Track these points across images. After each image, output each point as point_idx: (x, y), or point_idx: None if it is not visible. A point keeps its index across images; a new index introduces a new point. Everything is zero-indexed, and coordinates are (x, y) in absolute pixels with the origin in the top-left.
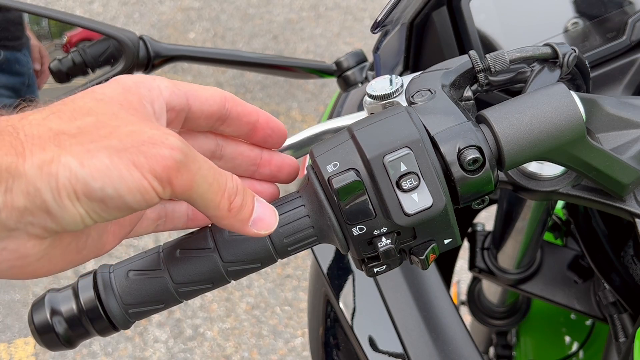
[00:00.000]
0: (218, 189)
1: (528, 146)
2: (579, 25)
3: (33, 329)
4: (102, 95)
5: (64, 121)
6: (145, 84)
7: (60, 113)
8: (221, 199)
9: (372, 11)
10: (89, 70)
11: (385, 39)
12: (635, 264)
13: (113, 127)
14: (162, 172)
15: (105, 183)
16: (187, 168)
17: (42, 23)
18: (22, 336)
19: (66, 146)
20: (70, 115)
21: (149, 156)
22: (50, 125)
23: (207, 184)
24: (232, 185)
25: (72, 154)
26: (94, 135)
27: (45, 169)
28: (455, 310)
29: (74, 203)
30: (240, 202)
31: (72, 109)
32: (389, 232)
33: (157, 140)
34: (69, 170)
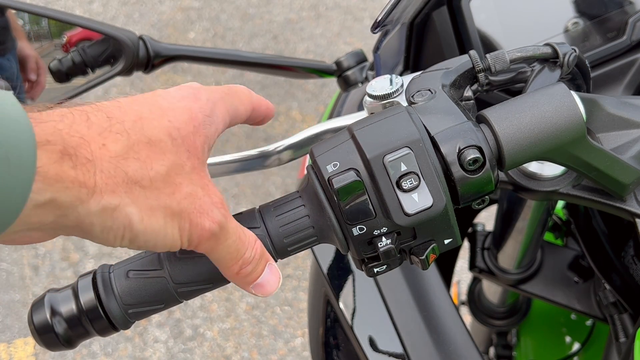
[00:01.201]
0: (235, 256)
1: (528, 146)
2: (579, 25)
3: (33, 329)
4: (176, 132)
5: (140, 167)
6: (211, 118)
7: (138, 153)
8: (234, 265)
9: (372, 11)
10: (89, 70)
11: (385, 39)
12: (635, 264)
13: (177, 184)
14: (196, 239)
15: (151, 239)
16: (217, 238)
17: (42, 23)
18: (22, 336)
19: (134, 196)
20: (147, 158)
21: (193, 224)
22: (127, 170)
23: (227, 251)
24: (249, 256)
25: (137, 207)
26: (160, 192)
27: (108, 212)
28: (456, 310)
29: (117, 240)
30: (250, 270)
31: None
32: (389, 232)
33: (204, 210)
34: (128, 220)
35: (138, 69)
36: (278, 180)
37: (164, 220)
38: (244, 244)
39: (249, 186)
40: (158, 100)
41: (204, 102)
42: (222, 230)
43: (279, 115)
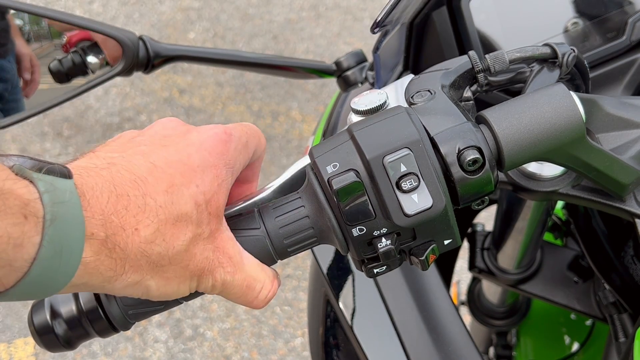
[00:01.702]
0: (244, 300)
1: (528, 146)
2: (579, 25)
3: (33, 330)
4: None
5: (164, 249)
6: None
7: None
8: (246, 304)
9: (372, 11)
10: (89, 71)
11: (385, 39)
12: (635, 264)
13: (192, 255)
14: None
15: (163, 297)
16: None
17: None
18: (22, 336)
19: (155, 273)
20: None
21: (201, 282)
22: (151, 254)
23: (234, 297)
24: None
25: (156, 280)
26: (177, 266)
27: (130, 285)
28: (455, 310)
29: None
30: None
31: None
32: (389, 233)
33: (211, 270)
34: (146, 289)
35: (138, 69)
36: None
37: (177, 286)
38: (254, 290)
39: None
40: (191, 156)
41: (231, 153)
42: (225, 286)
43: (278, 115)
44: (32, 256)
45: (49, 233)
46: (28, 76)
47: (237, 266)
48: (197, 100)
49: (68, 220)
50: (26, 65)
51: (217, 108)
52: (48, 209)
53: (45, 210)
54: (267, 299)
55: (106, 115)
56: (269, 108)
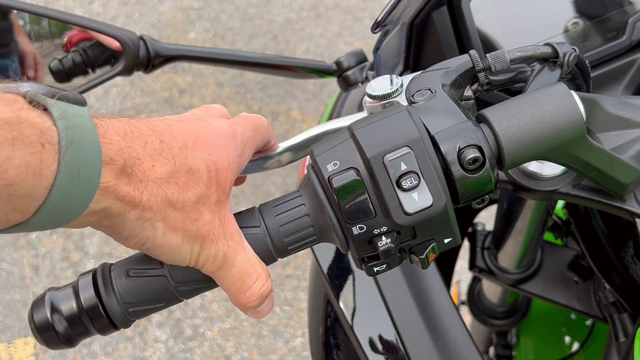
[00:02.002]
0: (240, 287)
1: (528, 145)
2: (579, 25)
3: (33, 328)
4: (213, 164)
5: (178, 191)
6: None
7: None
8: (240, 295)
9: (372, 11)
10: (89, 70)
11: (385, 39)
12: (635, 264)
13: (200, 212)
14: (201, 261)
15: (165, 252)
16: (220, 266)
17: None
18: (22, 336)
19: (166, 214)
20: (184, 184)
21: (203, 249)
22: (167, 192)
23: (231, 280)
24: (257, 290)
25: (165, 222)
26: (186, 216)
27: (141, 222)
28: (455, 310)
29: (134, 244)
30: (255, 303)
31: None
32: (389, 231)
33: (216, 238)
34: (154, 231)
35: (138, 69)
36: (278, 180)
37: (181, 240)
38: (251, 277)
39: (249, 186)
40: (203, 133)
41: (238, 141)
42: (227, 261)
43: (278, 115)
44: (50, 183)
45: (66, 158)
46: (32, 74)
47: (238, 246)
48: (197, 100)
49: (83, 144)
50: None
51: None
52: (63, 135)
53: (60, 136)
54: (260, 294)
55: None
56: (269, 108)
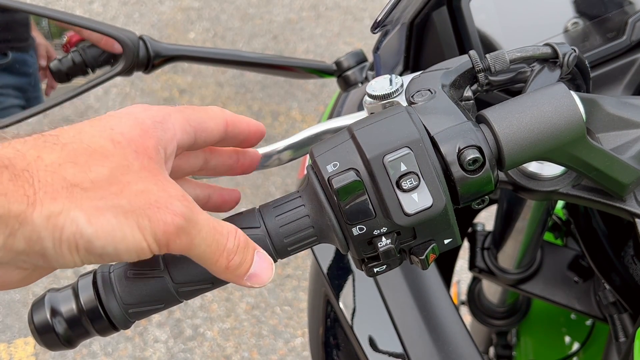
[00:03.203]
0: (217, 249)
1: (528, 146)
2: (579, 25)
3: (33, 329)
4: (120, 136)
5: (79, 170)
6: (163, 125)
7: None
8: (219, 258)
9: (372, 11)
10: (89, 70)
11: (385, 39)
12: (635, 264)
13: (124, 183)
14: (162, 237)
15: (107, 242)
16: (187, 232)
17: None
18: (22, 336)
19: (77, 199)
20: (85, 162)
21: (153, 220)
22: (65, 174)
23: (205, 244)
24: (232, 245)
25: (82, 209)
26: (105, 191)
27: (52, 220)
28: (455, 310)
29: (73, 254)
30: (238, 260)
31: (88, 152)
32: (389, 232)
33: (162, 204)
34: (75, 225)
35: (138, 69)
36: (278, 180)
37: (116, 220)
38: (222, 234)
39: (249, 186)
40: (102, 117)
41: (154, 111)
42: (190, 223)
43: (279, 115)
44: None
45: None
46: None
47: (193, 205)
48: (197, 100)
49: None
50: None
51: None
52: None
53: None
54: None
55: None
56: (269, 108)
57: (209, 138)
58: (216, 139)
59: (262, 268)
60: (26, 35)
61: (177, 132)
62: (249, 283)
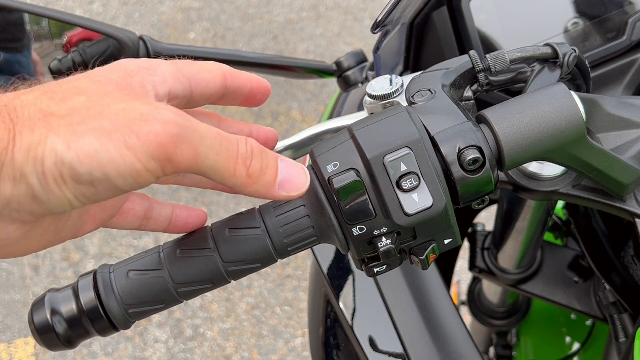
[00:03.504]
0: (229, 156)
1: (528, 146)
2: (579, 25)
3: (33, 329)
4: (100, 77)
5: (55, 102)
6: (150, 70)
7: (52, 93)
8: (235, 166)
9: (372, 11)
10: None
11: (385, 39)
12: (635, 264)
13: (104, 105)
14: (158, 151)
15: (92, 167)
16: (187, 141)
17: (42, 23)
18: (22, 336)
19: (54, 127)
20: (62, 95)
21: (141, 135)
22: (41, 105)
23: (214, 153)
24: (245, 150)
25: (59, 136)
26: (83, 115)
27: (32, 152)
28: (455, 310)
29: (61, 187)
30: (259, 165)
31: (65, 89)
32: (389, 232)
33: (148, 116)
34: (54, 153)
35: None
36: None
37: (98, 142)
38: (229, 138)
39: None
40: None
41: (142, 60)
42: (187, 130)
43: (279, 115)
44: None
45: None
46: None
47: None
48: None
49: None
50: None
51: (217, 108)
52: None
53: None
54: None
55: None
56: (269, 108)
57: (205, 90)
58: (214, 93)
59: (292, 173)
60: (20, 35)
61: (168, 79)
62: (284, 192)
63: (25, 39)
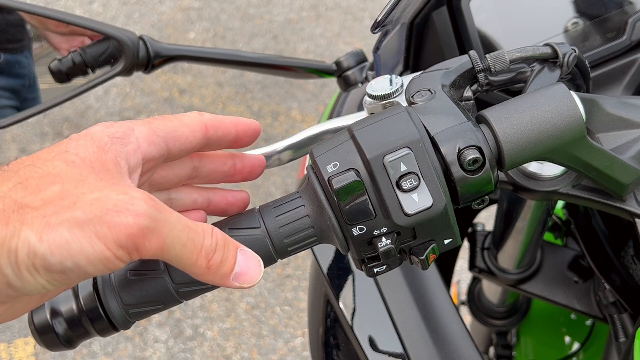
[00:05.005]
0: (193, 247)
1: (528, 146)
2: (579, 25)
3: (33, 329)
4: (74, 156)
5: (29, 192)
6: (123, 139)
7: (27, 182)
8: (197, 257)
9: (372, 11)
10: (89, 70)
11: (385, 39)
12: (635, 264)
13: (77, 195)
14: (127, 241)
15: (63, 257)
16: (156, 232)
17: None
18: (22, 336)
19: (27, 220)
20: (36, 184)
21: (112, 226)
22: (15, 197)
23: (180, 245)
24: (209, 243)
25: (32, 229)
26: (57, 206)
27: (6, 244)
28: (455, 310)
29: (34, 275)
30: (219, 258)
31: (40, 175)
32: (389, 232)
33: (121, 207)
34: (27, 245)
35: (138, 69)
36: (278, 180)
37: (69, 233)
38: (197, 233)
39: (248, 186)
40: (62, 141)
41: (115, 128)
42: (157, 222)
43: (278, 115)
44: None
45: None
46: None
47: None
48: (197, 100)
49: None
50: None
51: (217, 108)
52: None
53: None
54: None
55: (106, 115)
56: (269, 108)
57: (184, 146)
58: (195, 146)
59: (248, 266)
60: (20, 36)
61: (142, 144)
62: (237, 283)
63: (25, 39)
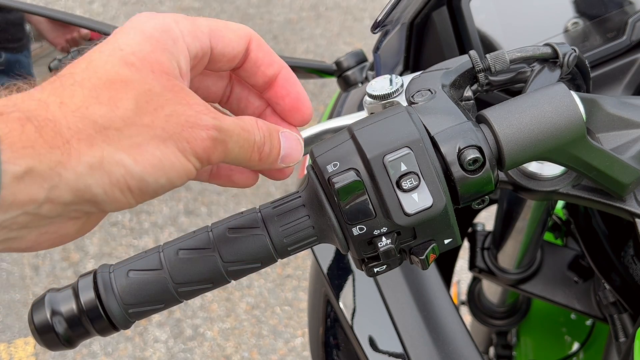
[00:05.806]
0: (248, 146)
1: (528, 146)
2: (579, 25)
3: (33, 329)
4: (131, 56)
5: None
6: (170, 34)
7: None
8: (251, 154)
9: (372, 11)
10: None
11: (385, 39)
12: (635, 264)
13: (152, 111)
14: (203, 153)
15: (158, 175)
16: (222, 142)
17: None
18: (22, 336)
19: (115, 141)
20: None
21: (190, 140)
22: (94, 117)
23: (238, 147)
24: (259, 138)
25: (124, 150)
26: (138, 126)
27: (97, 167)
28: (455, 310)
29: (126, 195)
30: (268, 150)
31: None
32: (389, 232)
33: (193, 122)
34: (123, 167)
35: None
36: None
37: (159, 151)
38: (250, 132)
39: None
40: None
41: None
42: (222, 132)
43: None
44: None
45: None
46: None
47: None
48: None
49: None
50: None
51: None
52: None
53: None
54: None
55: None
56: None
57: (227, 50)
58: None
59: (291, 147)
60: (20, 35)
61: (186, 39)
62: (284, 165)
63: (25, 39)
